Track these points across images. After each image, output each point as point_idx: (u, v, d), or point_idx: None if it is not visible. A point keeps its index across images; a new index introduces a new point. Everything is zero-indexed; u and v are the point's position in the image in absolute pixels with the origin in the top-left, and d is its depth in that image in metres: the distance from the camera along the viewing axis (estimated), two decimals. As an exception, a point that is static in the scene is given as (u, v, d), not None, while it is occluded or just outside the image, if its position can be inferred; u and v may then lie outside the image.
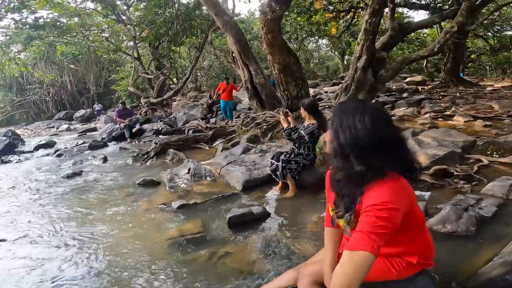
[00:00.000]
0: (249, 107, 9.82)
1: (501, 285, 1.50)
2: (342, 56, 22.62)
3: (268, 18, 4.51)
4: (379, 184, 1.11)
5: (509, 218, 2.47)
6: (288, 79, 5.44)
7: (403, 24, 6.87)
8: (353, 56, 5.85)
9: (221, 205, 3.27)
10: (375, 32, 5.46)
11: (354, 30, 14.26)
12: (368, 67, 5.58)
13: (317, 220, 2.69)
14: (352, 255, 1.05)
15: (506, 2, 9.14)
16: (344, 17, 11.25)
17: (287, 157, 3.45)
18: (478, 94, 10.27)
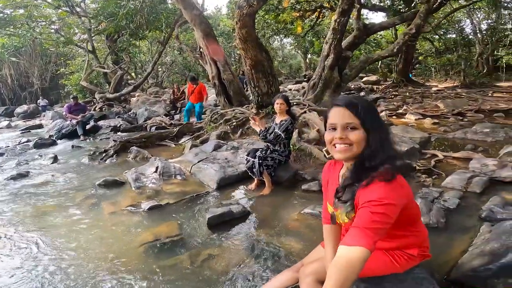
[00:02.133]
0: (216, 104, 9.60)
1: (485, 275, 1.57)
2: (305, 55, 23.10)
3: (244, 12, 4.39)
4: (375, 182, 1.10)
5: (471, 210, 2.64)
6: (259, 75, 5.37)
7: (368, 25, 7.19)
8: (321, 54, 5.98)
9: (196, 205, 3.09)
10: (343, 31, 5.63)
11: (318, 29, 14.70)
12: (335, 66, 5.74)
13: (298, 217, 2.65)
14: (347, 251, 1.05)
15: (460, 6, 10.00)
16: (309, 16, 11.51)
17: (263, 154, 3.38)
18: (425, 94, 11.13)
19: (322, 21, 13.50)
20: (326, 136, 1.23)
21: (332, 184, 1.38)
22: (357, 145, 1.15)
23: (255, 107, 5.97)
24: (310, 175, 3.60)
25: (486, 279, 1.55)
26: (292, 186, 3.43)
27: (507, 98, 10.00)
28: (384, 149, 1.15)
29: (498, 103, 8.92)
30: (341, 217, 1.27)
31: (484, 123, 6.41)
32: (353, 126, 1.16)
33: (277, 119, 3.49)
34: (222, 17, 20.01)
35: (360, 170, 1.16)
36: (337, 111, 1.20)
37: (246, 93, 7.81)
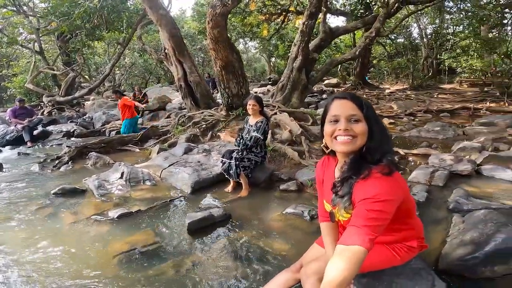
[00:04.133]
0: (181, 107, 9.27)
1: (472, 263, 1.65)
2: (269, 59, 23.40)
3: (217, 12, 4.27)
4: (373, 177, 1.09)
5: (438, 202, 2.80)
6: (230, 77, 5.26)
7: (333, 28, 7.45)
8: (290, 56, 6.06)
9: (172, 211, 2.89)
10: (310, 34, 5.77)
11: (283, 33, 14.97)
12: (303, 68, 5.85)
13: (280, 218, 2.60)
14: (345, 250, 1.03)
15: (414, 11, 10.77)
16: (275, 20, 11.67)
17: (239, 155, 3.28)
18: (379, 96, 11.88)
19: (287, 24, 13.78)
20: (326, 129, 1.19)
21: (328, 181, 1.35)
22: (361, 138, 1.13)
23: (225, 109, 5.84)
24: (287, 175, 3.58)
25: (474, 267, 1.62)
26: (269, 187, 3.38)
27: (450, 99, 11.05)
28: (385, 142, 1.15)
29: (443, 104, 9.83)
30: (340, 214, 1.23)
31: (434, 122, 6.98)
32: (356, 119, 1.13)
33: (251, 120, 3.41)
34: (187, 19, 19.56)
35: (360, 163, 1.14)
36: (340, 103, 1.17)
37: (213, 96, 7.64)
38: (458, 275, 1.59)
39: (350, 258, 1.01)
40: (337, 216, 1.28)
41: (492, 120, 7.03)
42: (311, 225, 2.41)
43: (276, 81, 15.41)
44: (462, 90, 12.86)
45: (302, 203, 2.78)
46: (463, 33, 13.64)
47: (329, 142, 1.21)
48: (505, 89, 10.39)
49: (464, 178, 3.45)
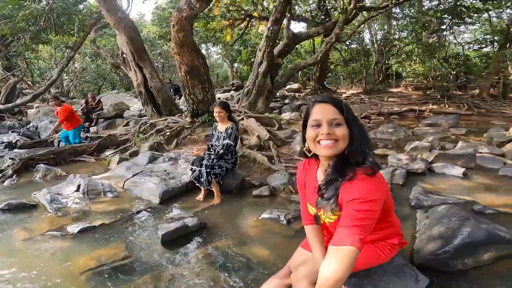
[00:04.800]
0: (140, 114, 8.84)
1: (444, 257, 1.75)
2: (232, 64, 23.30)
3: (183, 15, 4.14)
4: (358, 178, 1.12)
5: (401, 200, 2.95)
6: (195, 82, 5.13)
7: (296, 33, 7.66)
8: (255, 62, 6.11)
9: (141, 223, 2.71)
10: (275, 39, 5.88)
11: (245, 38, 15.02)
12: (268, 73, 5.93)
13: (256, 224, 2.57)
14: (336, 251, 1.05)
15: (369, 16, 11.44)
16: (238, 25, 11.70)
17: (210, 162, 3.19)
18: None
19: (250, 30, 13.86)
20: (309, 134, 1.20)
21: (310, 184, 1.36)
22: (342, 141, 1.15)
23: (189, 116, 5.68)
24: (258, 180, 3.58)
25: (447, 261, 1.73)
26: (242, 193, 3.34)
27: (398, 102, 12.01)
28: (365, 144, 1.19)
29: (393, 107, 10.66)
30: (327, 216, 1.25)
31: (387, 124, 7.51)
32: (338, 122, 1.15)
33: (220, 127, 3.36)
34: (146, 23, 18.79)
35: (344, 166, 1.16)
36: (322, 107, 1.19)
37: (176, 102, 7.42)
38: (434, 269, 1.68)
39: (342, 258, 1.03)
40: (323, 218, 1.29)
41: (436, 121, 7.77)
42: (288, 229, 2.42)
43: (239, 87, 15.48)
44: (408, 94, 14.08)
45: (276, 207, 2.79)
46: (407, 38, 14.83)
47: (312, 147, 1.22)
48: (445, 92, 11.59)
49: (420, 176, 3.74)
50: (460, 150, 4.60)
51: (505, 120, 8.47)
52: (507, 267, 1.75)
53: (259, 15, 10.47)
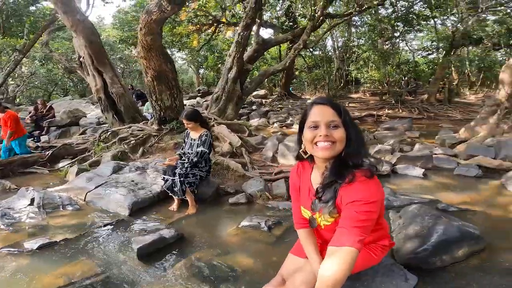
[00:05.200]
0: (99, 121, 8.29)
1: (424, 255, 1.84)
2: (198, 70, 22.85)
3: (153, 18, 3.95)
4: (357, 180, 1.14)
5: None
6: (163, 87, 4.93)
7: (266, 39, 7.75)
8: (224, 67, 6.05)
9: (110, 236, 2.52)
10: (245, 45, 5.89)
11: (213, 44, 14.83)
12: (237, 79, 5.92)
13: (237, 232, 2.52)
14: (337, 251, 1.06)
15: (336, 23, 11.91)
16: (206, 30, 11.51)
17: (184, 171, 3.07)
18: (302, 106, 12.83)
19: (218, 35, 13.73)
20: (306, 135, 1.20)
21: (304, 187, 1.36)
22: (339, 143, 1.16)
23: (156, 123, 5.44)
24: (233, 188, 3.53)
25: (426, 258, 1.82)
26: (217, 202, 3.26)
27: (358, 107, 12.71)
28: (361, 147, 1.21)
29: (354, 112, 11.24)
30: (323, 219, 1.25)
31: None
32: (335, 124, 1.16)
33: (194, 134, 3.26)
34: (105, 27, 17.77)
35: (342, 168, 1.17)
36: (320, 109, 1.19)
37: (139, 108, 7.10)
38: (415, 268, 1.74)
39: (343, 259, 1.04)
40: (318, 221, 1.29)
41: (393, 125, 8.32)
42: (270, 235, 2.40)
43: (205, 93, 15.27)
44: (366, 99, 14.95)
45: (255, 214, 2.76)
46: (364, 45, 15.73)
47: (309, 148, 1.22)
48: (399, 97, 12.50)
49: (385, 177, 3.95)
50: (418, 152, 4.94)
51: (452, 123, 9.38)
52: (479, 262, 1.89)
53: (228, 21, 10.45)
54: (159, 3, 3.74)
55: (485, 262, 1.89)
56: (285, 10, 11.13)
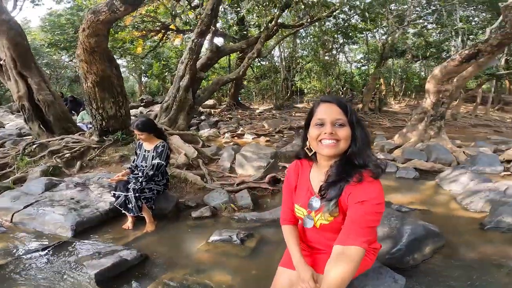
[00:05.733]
0: (20, 133, 7.20)
1: (399, 255, 1.93)
2: (140, 78, 21.69)
3: (100, 18, 3.54)
4: (366, 180, 1.15)
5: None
6: (106, 95, 4.45)
7: (220, 47, 7.62)
8: (176, 75, 5.77)
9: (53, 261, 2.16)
10: (199, 52, 5.70)
11: (159, 51, 14.04)
12: (190, 87, 5.70)
13: (207, 248, 2.37)
14: (344, 250, 1.08)
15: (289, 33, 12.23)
16: (152, 37, 10.85)
17: (138, 186, 2.79)
18: (251, 115, 13.04)
19: (165, 43, 13.08)
20: (312, 132, 1.21)
21: (303, 185, 1.34)
22: (344, 142, 1.18)
23: (96, 134, 4.90)
24: (194, 201, 3.35)
25: (401, 258, 1.92)
26: (178, 217, 3.05)
27: (304, 116, 13.32)
28: (367, 147, 1.23)
29: (300, 121, 11.77)
30: (323, 217, 1.23)
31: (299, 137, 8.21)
32: (341, 123, 1.18)
33: (147, 145, 3.03)
34: (31, 29, 15.58)
35: (348, 167, 1.18)
36: (327, 107, 1.21)
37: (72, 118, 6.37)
38: (393, 268, 1.79)
39: (350, 258, 1.05)
40: (315, 220, 1.26)
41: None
42: (244, 248, 2.30)
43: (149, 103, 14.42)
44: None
45: (224, 228, 2.63)
46: (308, 57, 16.65)
47: (314, 145, 1.23)
48: (339, 107, 13.51)
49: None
50: (364, 158, 5.35)
51: (383, 130, 10.45)
52: (444, 257, 2.08)
53: (177, 28, 10.09)
54: (111, 2, 3.42)
55: (448, 257, 2.09)
56: (238, 19, 11.30)
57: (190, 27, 9.70)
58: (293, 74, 17.57)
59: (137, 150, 3.10)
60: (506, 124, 12.36)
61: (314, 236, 1.37)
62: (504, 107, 16.53)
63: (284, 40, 12.99)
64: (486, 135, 9.62)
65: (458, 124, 11.26)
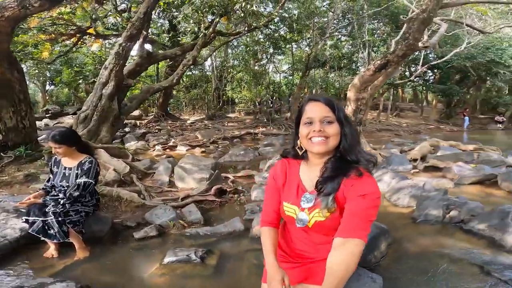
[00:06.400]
0: None
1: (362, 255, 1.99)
2: (44, 86, 18.97)
3: (6, 15, 2.87)
4: (365, 175, 1.20)
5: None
6: (4, 103, 3.66)
7: (152, 53, 7.05)
8: (97, 82, 5.09)
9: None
10: (127, 57, 5.17)
11: (71, 57, 12.25)
12: (115, 95, 5.12)
13: (162, 271, 2.13)
14: (346, 242, 1.11)
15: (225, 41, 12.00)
16: (63, 41, 9.36)
17: (60, 209, 2.37)
18: (182, 126, 12.66)
19: (80, 48, 11.51)
20: (302, 131, 1.26)
21: (292, 183, 1.33)
22: (333, 138, 1.22)
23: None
24: (133, 221, 3.01)
25: (365, 257, 2.03)
26: (117, 239, 2.70)
27: (237, 126, 13.54)
28: (356, 143, 1.27)
29: (234, 131, 11.89)
30: (321, 214, 1.21)
31: (238, 147, 8.24)
32: (329, 120, 1.22)
33: (68, 161, 2.61)
34: None
35: (343, 163, 1.22)
36: (314, 105, 1.25)
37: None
38: (361, 267, 1.86)
39: (352, 250, 1.09)
40: (310, 217, 1.24)
41: (271, 141, 9.27)
42: (205, 267, 2.13)
43: (58, 114, 12.54)
44: (243, 118, 16.17)
45: (176, 246, 2.39)
46: (239, 66, 16.97)
47: (305, 144, 1.26)
48: (269, 116, 14.15)
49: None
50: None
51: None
52: (396, 252, 2.27)
53: (97, 32, 9.07)
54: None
55: (398, 251, 2.31)
56: (170, 26, 10.81)
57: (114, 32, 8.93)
58: (224, 83, 17.72)
59: (53, 168, 2.64)
60: (403, 128, 14.79)
61: (301, 239, 1.34)
62: (400, 113, 19.81)
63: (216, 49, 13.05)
64: (389, 138, 11.29)
65: (367, 129, 12.92)
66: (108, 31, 9.32)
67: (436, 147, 7.25)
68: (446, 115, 19.91)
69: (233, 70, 17.38)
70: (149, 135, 9.96)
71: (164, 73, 13.89)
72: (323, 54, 15.51)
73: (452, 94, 17.85)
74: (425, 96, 24.45)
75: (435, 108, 20.58)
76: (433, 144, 7.44)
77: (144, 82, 14.37)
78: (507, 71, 15.46)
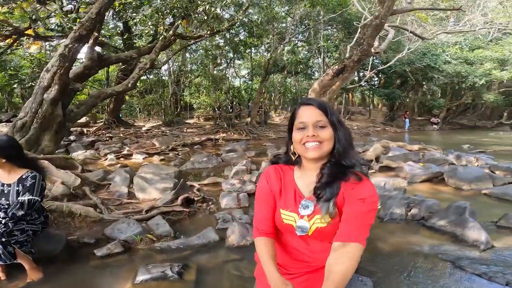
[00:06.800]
0: None
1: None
2: None
3: None
4: (364, 179, 1.19)
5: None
6: None
7: (104, 56, 6.47)
8: (37, 86, 4.48)
9: None
10: (74, 60, 4.65)
11: (5, 59, 10.75)
12: (59, 100, 4.58)
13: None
14: (344, 246, 1.10)
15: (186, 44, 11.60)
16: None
17: (3, 229, 2.06)
18: (137, 133, 11.99)
19: (17, 49, 10.24)
20: (295, 136, 1.22)
21: (288, 189, 1.28)
22: (327, 143, 1.20)
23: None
24: (91, 237, 2.72)
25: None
26: (74, 258, 2.42)
27: (196, 132, 13.18)
28: (351, 146, 1.26)
29: (193, 137, 11.55)
30: (322, 220, 1.17)
31: (200, 154, 8.00)
32: (322, 124, 1.19)
33: (4, 177, 2.28)
34: None
35: (340, 167, 1.19)
36: (307, 110, 1.22)
37: None
38: None
39: (351, 255, 1.07)
40: (311, 224, 1.20)
41: (233, 147, 9.15)
42: (183, 283, 1.99)
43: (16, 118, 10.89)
44: (202, 124, 15.81)
45: (146, 263, 2.18)
46: (197, 71, 16.61)
47: (298, 149, 1.23)
48: (230, 121, 14.02)
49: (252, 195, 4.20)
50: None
51: (271, 141, 11.47)
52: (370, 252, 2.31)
53: (37, 34, 8.16)
54: None
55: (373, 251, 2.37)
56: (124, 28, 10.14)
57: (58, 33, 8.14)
58: (182, 88, 17.21)
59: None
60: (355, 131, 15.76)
61: (299, 248, 1.29)
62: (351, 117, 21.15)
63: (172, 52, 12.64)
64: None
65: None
66: (50, 32, 8.55)
67: (387, 148, 7.79)
68: (390, 117, 21.71)
69: (191, 74, 16.99)
70: (99, 143, 9.25)
71: (116, 77, 13.07)
72: (282, 59, 15.92)
73: (394, 97, 19.56)
74: (371, 100, 26.52)
75: (380, 111, 22.35)
76: (384, 145, 7.97)
77: (92, 86, 13.32)
78: (440, 75, 17.39)
